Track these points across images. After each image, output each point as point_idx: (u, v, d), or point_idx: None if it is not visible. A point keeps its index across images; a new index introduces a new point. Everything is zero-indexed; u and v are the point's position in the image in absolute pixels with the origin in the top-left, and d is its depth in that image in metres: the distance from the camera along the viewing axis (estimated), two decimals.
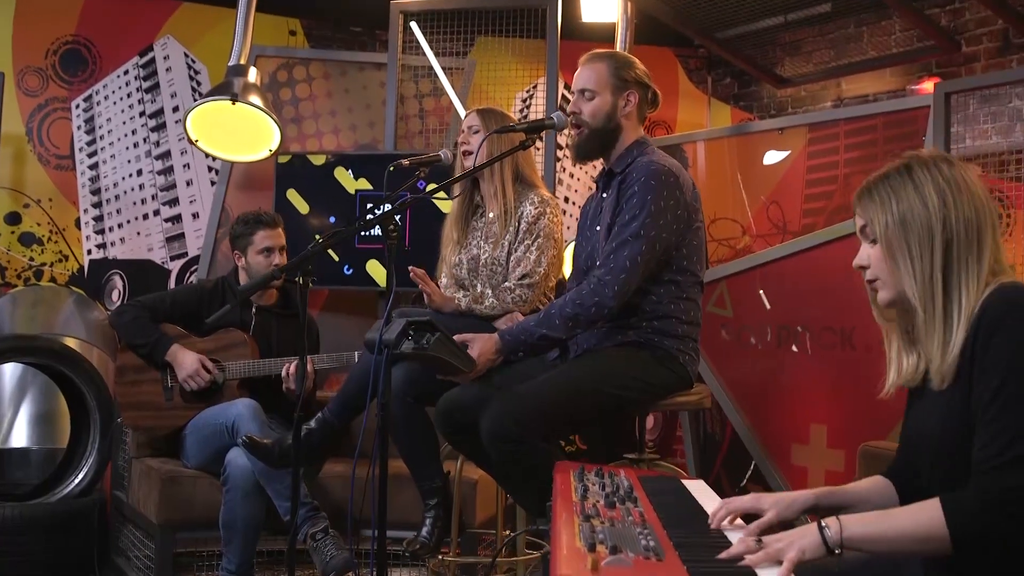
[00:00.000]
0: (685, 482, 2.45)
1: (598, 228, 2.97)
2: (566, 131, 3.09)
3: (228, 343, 3.78)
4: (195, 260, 5.29)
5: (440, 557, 3.40)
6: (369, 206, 4.75)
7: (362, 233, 4.78)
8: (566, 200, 5.69)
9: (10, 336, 4.17)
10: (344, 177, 4.82)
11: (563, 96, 5.32)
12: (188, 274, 5.32)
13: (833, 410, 3.94)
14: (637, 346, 2.82)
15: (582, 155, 3.03)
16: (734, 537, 1.78)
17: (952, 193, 1.81)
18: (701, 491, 2.35)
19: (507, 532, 3.71)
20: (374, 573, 2.58)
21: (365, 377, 3.32)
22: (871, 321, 3.55)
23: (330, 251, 4.76)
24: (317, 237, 2.98)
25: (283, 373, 3.67)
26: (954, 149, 4.22)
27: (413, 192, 3.40)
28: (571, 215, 5.65)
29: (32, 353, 4.10)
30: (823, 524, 1.68)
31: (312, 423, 3.34)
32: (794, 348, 4.12)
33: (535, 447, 2.63)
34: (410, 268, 3.29)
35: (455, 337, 2.73)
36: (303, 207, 4.84)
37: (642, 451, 3.04)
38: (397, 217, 4.20)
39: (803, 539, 1.67)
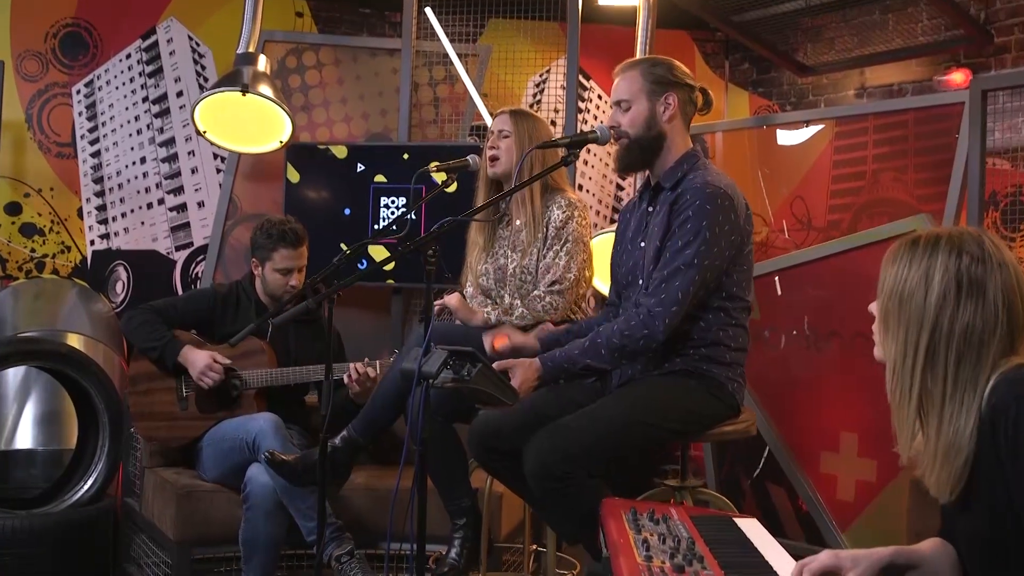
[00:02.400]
0: (739, 523, 2.36)
1: (642, 244, 2.84)
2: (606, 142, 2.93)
3: (245, 351, 3.65)
4: (201, 250, 5.15)
5: None
6: (387, 206, 4.60)
7: (375, 226, 4.65)
8: (579, 187, 5.55)
9: (15, 339, 4.03)
10: (337, 149, 4.68)
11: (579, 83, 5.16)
12: (194, 264, 5.18)
13: (865, 418, 3.84)
14: (685, 375, 2.71)
15: (625, 167, 2.90)
16: None
17: (960, 294, 1.70)
18: (758, 535, 2.26)
19: (534, 547, 3.63)
20: None
21: (392, 394, 3.21)
22: None
23: (342, 245, 4.62)
24: (344, 247, 2.85)
25: (345, 379, 3.52)
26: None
27: (422, 182, 3.25)
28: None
29: (38, 357, 3.96)
30: None
31: (337, 440, 3.23)
32: (824, 353, 4.02)
33: (582, 483, 2.53)
34: (437, 303, 3.16)
35: (498, 364, 2.62)
36: (294, 176, 4.70)
37: (684, 478, 2.94)
38: (413, 214, 4.08)
39: None
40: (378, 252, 4.59)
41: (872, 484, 3.80)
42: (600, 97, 5.70)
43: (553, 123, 5.39)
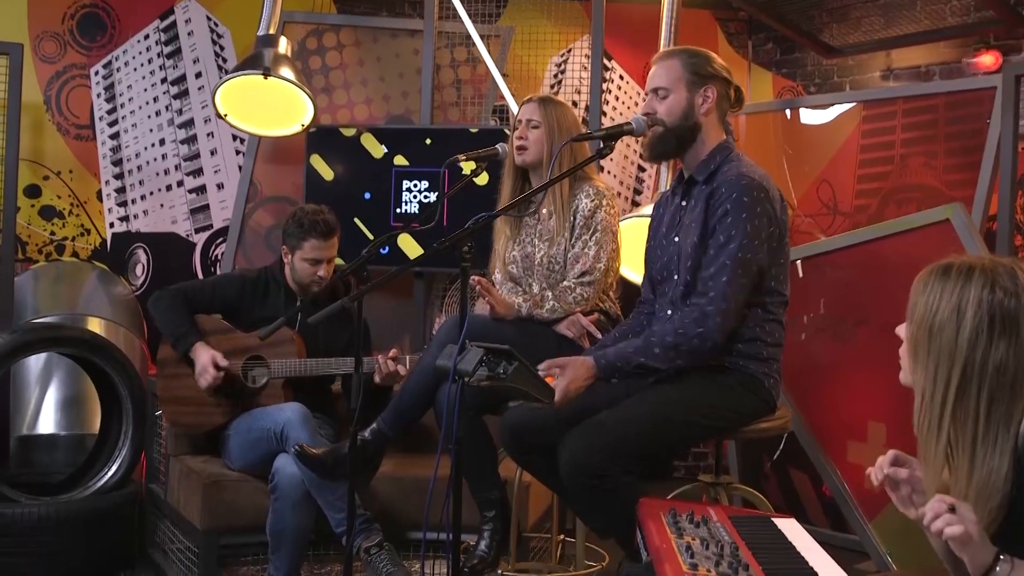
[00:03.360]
0: (778, 523, 2.33)
1: (675, 239, 2.81)
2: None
3: (274, 340, 3.59)
4: (221, 232, 5.12)
5: (500, 572, 3.30)
6: (410, 190, 4.57)
7: (396, 210, 4.61)
8: (601, 169, 5.50)
9: (39, 326, 4.01)
10: (371, 144, 4.64)
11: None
12: (214, 247, 5.16)
13: (893, 409, 3.80)
14: (722, 371, 2.67)
15: (656, 154, 2.84)
16: None
17: (993, 331, 1.67)
18: (799, 538, 2.24)
19: (561, 536, 3.62)
20: None
21: (421, 388, 3.18)
22: None
23: (364, 229, 4.60)
24: (362, 226, 2.82)
25: (376, 377, 3.49)
26: None
27: (451, 170, 3.19)
28: None
29: (62, 343, 3.95)
30: (1002, 557, 1.59)
31: (366, 434, 3.20)
32: (852, 342, 3.97)
33: (618, 480, 2.50)
34: (474, 278, 3.11)
35: (549, 363, 2.60)
36: (328, 174, 4.66)
37: (719, 474, 2.92)
38: (435, 198, 4.02)
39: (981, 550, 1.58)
40: (405, 240, 4.55)
41: None
42: (622, 77, 5.64)
43: (575, 104, 5.35)
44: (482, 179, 3.30)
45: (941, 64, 5.04)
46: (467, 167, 3.18)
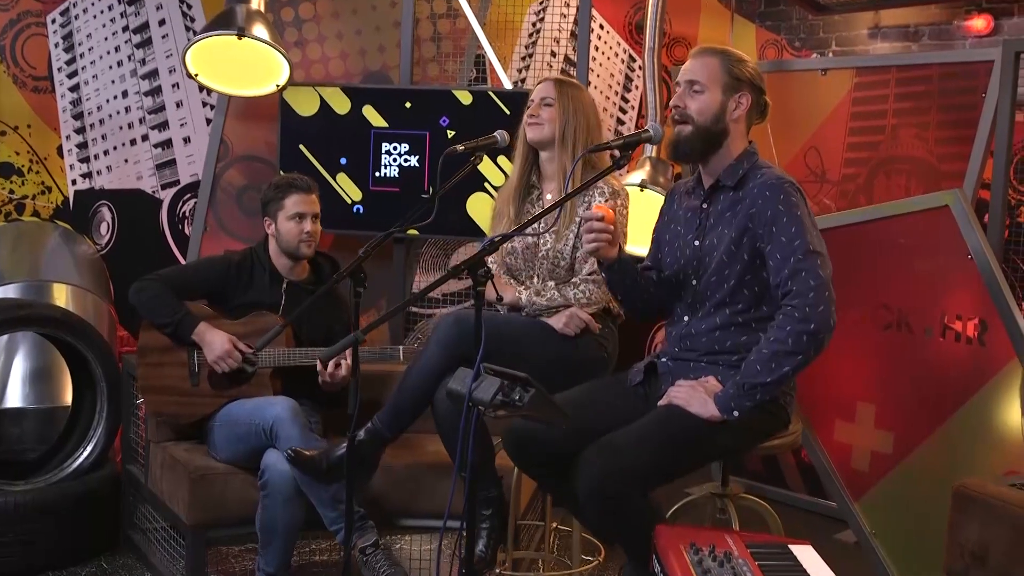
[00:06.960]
0: (795, 552, 2.32)
1: (696, 243, 2.73)
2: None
3: (262, 327, 3.47)
4: (188, 188, 4.93)
5: (498, 572, 3.27)
6: (389, 152, 4.41)
7: (376, 174, 4.47)
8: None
9: (8, 305, 3.82)
10: (344, 102, 4.45)
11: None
12: (181, 203, 4.97)
13: (883, 391, 3.79)
14: None
15: (681, 154, 2.75)
16: None
17: None
18: (819, 570, 2.23)
19: (555, 524, 3.59)
20: None
21: (419, 388, 3.10)
22: (930, 304, 3.37)
23: (342, 190, 4.45)
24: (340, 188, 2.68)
25: (319, 367, 3.41)
26: None
27: (448, 160, 3.07)
28: None
29: (33, 323, 3.77)
30: None
31: (361, 433, 3.12)
32: (842, 322, 3.93)
33: (636, 503, 2.47)
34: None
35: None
36: (355, 193, 4.48)
37: (726, 484, 2.90)
38: (417, 162, 3.87)
39: None
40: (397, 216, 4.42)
41: (889, 456, 3.78)
42: (602, 27, 5.47)
43: (553, 54, 5.19)
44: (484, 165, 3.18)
45: (931, 24, 4.95)
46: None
